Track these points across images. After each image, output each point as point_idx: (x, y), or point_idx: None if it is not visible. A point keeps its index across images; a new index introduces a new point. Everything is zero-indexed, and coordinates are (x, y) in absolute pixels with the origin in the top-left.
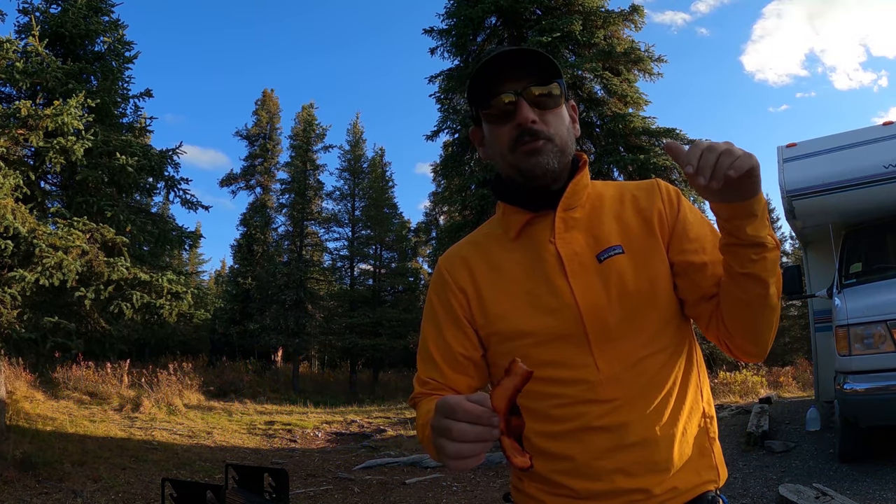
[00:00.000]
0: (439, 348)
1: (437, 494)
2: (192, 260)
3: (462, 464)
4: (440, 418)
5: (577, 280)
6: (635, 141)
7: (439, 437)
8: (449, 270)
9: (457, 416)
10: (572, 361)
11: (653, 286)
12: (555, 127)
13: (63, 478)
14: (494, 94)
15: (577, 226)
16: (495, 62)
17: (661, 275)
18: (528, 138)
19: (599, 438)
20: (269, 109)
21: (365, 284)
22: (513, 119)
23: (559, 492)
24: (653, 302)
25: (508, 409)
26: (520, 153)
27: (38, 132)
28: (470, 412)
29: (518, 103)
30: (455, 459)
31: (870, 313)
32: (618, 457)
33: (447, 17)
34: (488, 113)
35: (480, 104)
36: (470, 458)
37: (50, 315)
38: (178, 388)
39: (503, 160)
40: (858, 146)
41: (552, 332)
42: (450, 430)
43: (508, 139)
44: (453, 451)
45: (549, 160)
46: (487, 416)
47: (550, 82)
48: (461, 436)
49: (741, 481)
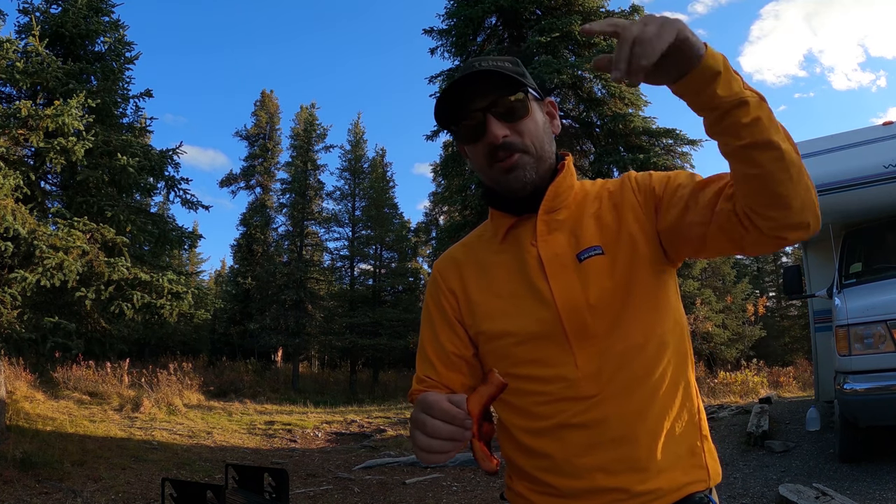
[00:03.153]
0: (434, 348)
1: (436, 494)
2: (192, 260)
3: (431, 457)
4: (418, 412)
5: (557, 280)
6: (635, 141)
7: (414, 429)
8: (441, 273)
9: (433, 413)
10: (552, 360)
11: (632, 285)
12: (529, 135)
13: (63, 478)
14: (461, 116)
15: (561, 227)
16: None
17: (642, 272)
18: (502, 154)
19: (578, 435)
20: (269, 110)
21: (365, 284)
22: (484, 136)
23: (543, 489)
24: (632, 300)
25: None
26: (496, 169)
27: (38, 132)
28: (446, 411)
29: (486, 121)
30: (424, 452)
31: (870, 313)
32: (597, 454)
33: (447, 18)
34: (459, 135)
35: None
36: (439, 453)
37: (50, 315)
38: (178, 388)
39: (483, 175)
40: (858, 146)
41: (533, 331)
42: (424, 424)
43: (483, 155)
44: (424, 444)
45: (527, 172)
46: (461, 417)
47: (515, 92)
48: (434, 432)
49: (741, 481)
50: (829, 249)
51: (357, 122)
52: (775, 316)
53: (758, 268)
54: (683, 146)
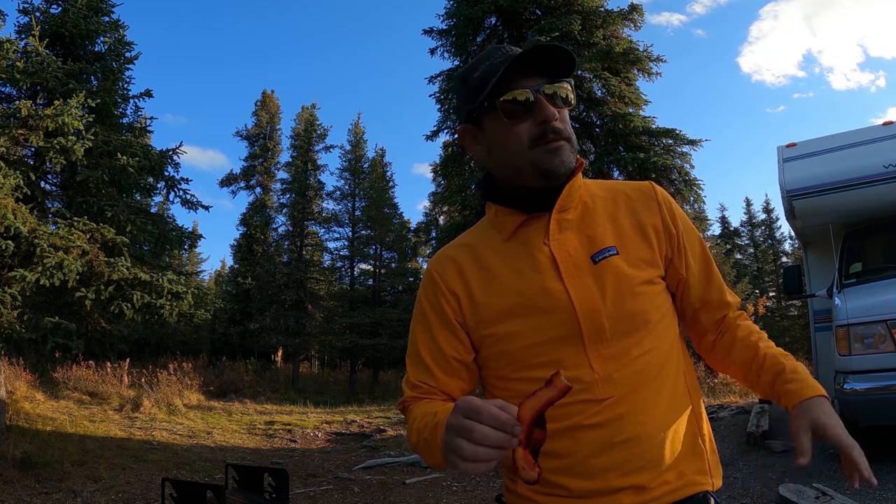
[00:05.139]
0: (431, 352)
1: (437, 494)
2: (192, 260)
3: (475, 467)
4: (460, 417)
5: (572, 281)
6: (635, 140)
7: (456, 437)
8: (440, 274)
9: (481, 419)
10: (567, 362)
11: (646, 287)
12: (568, 125)
13: (63, 478)
14: (511, 88)
15: (571, 227)
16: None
17: (655, 276)
18: (552, 136)
19: (592, 436)
20: (270, 110)
21: (365, 284)
22: (532, 115)
23: (553, 491)
24: (646, 303)
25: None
26: (542, 150)
27: (38, 132)
28: (496, 417)
29: (539, 99)
30: (470, 462)
31: (870, 313)
32: (611, 455)
33: (447, 18)
34: (505, 107)
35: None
36: (484, 462)
37: (50, 315)
38: (178, 388)
39: (519, 158)
40: (858, 146)
41: (546, 333)
42: (471, 432)
43: (528, 136)
44: (470, 453)
45: (569, 159)
46: (511, 423)
47: (567, 79)
48: (482, 439)
49: (741, 481)
50: (829, 249)
51: (357, 122)
52: (775, 316)
53: (758, 268)
54: (683, 146)
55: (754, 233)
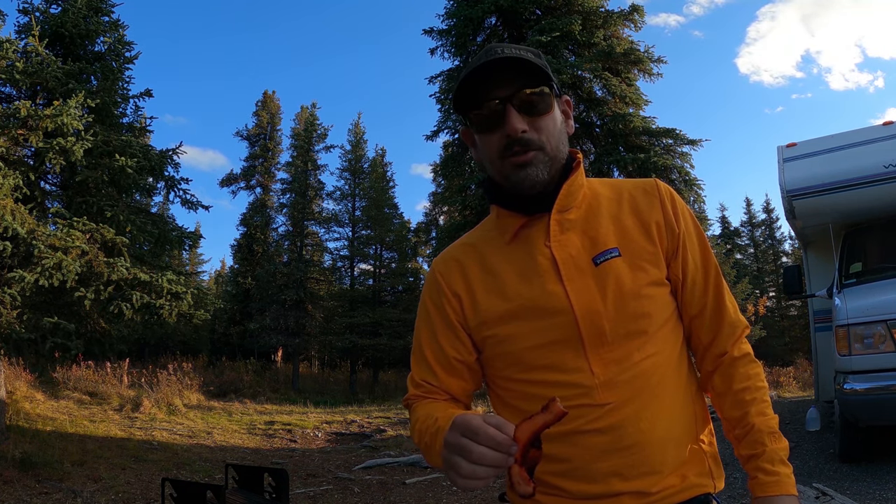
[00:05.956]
0: (433, 351)
1: (437, 494)
2: (192, 260)
3: (473, 483)
4: (458, 436)
5: (573, 284)
6: (635, 141)
7: (454, 455)
8: (443, 274)
9: (478, 440)
10: (567, 365)
11: (649, 289)
12: (546, 133)
13: (63, 478)
14: (481, 100)
15: (573, 227)
16: (481, 70)
17: (658, 278)
18: (517, 148)
19: (593, 441)
20: (270, 110)
21: (365, 284)
22: (501, 127)
23: (553, 492)
24: (649, 306)
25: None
26: (508, 163)
27: (37, 132)
28: (493, 438)
29: (506, 111)
30: (467, 479)
31: (870, 313)
32: (612, 459)
33: (447, 18)
34: (476, 120)
35: (467, 111)
36: (482, 479)
37: (50, 315)
38: (178, 388)
39: (492, 167)
40: (858, 146)
41: (546, 335)
42: (469, 452)
43: (497, 147)
44: (468, 472)
45: (539, 171)
46: (507, 444)
47: (540, 86)
48: (480, 458)
49: (741, 481)
50: (829, 249)
51: (357, 122)
52: (775, 316)
53: (758, 268)
54: (683, 146)
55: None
